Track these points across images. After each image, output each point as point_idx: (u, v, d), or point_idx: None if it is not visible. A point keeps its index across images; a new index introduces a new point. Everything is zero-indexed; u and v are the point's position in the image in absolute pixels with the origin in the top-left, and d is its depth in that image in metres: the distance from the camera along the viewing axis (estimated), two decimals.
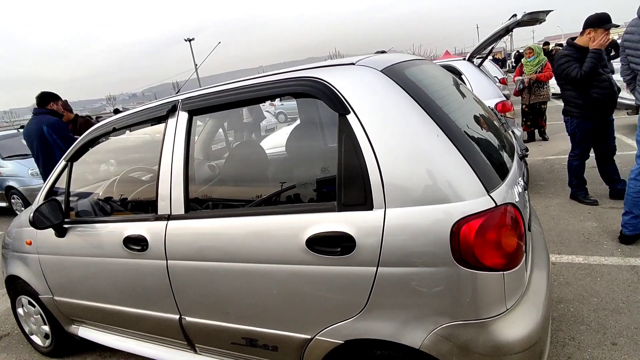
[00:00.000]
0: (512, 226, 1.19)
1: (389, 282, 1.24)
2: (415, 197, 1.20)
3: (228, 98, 1.60)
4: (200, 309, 1.70)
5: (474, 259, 1.15)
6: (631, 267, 2.60)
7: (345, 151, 1.30)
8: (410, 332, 1.25)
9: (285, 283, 1.43)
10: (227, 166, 2.18)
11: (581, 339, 2.04)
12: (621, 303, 2.26)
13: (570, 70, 3.40)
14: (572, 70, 3.38)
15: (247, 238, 1.48)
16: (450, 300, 1.19)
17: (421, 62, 1.76)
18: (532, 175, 4.86)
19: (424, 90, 1.35)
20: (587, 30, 3.36)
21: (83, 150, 2.15)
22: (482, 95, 4.02)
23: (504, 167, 1.37)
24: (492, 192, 1.17)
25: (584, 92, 3.43)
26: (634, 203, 2.78)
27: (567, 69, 3.43)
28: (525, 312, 1.24)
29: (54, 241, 2.13)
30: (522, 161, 1.67)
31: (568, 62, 3.43)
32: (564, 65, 3.46)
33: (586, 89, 3.41)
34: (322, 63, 1.48)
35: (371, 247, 1.24)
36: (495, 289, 1.18)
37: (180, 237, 1.64)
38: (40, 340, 2.60)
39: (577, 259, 2.81)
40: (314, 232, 1.32)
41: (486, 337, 1.18)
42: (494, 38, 4.30)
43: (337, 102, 1.32)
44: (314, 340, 1.43)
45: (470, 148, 1.24)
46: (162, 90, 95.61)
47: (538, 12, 3.98)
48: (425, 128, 1.22)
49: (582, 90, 3.44)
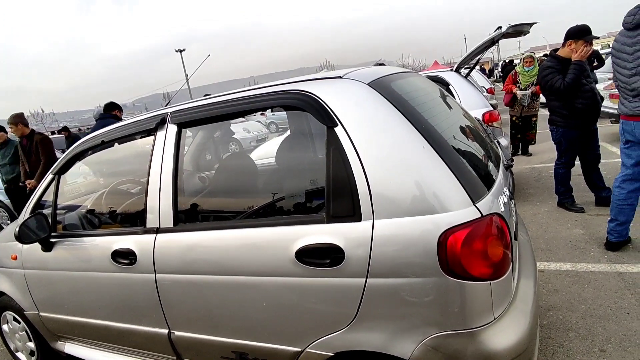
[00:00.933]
0: (498, 236, 1.21)
1: (378, 293, 1.25)
2: (403, 208, 1.21)
3: (217, 111, 1.60)
4: (189, 323, 1.68)
5: (461, 269, 1.16)
6: (618, 274, 2.64)
7: (334, 163, 1.31)
8: (399, 343, 1.25)
9: (275, 295, 1.42)
10: (217, 178, 2.18)
11: (570, 346, 2.06)
12: (609, 310, 2.29)
13: (554, 81, 3.48)
14: (556, 81, 3.47)
15: (236, 250, 1.48)
16: (438, 311, 1.20)
17: (408, 74, 1.79)
18: (520, 184, 4.93)
19: (410, 102, 1.37)
20: (568, 42, 3.46)
21: (70, 163, 2.13)
22: (469, 106, 4.10)
23: (490, 177, 1.40)
24: (478, 203, 1.19)
25: (568, 102, 3.51)
26: (619, 210, 2.83)
27: (551, 80, 3.51)
28: (513, 320, 1.25)
29: (40, 256, 2.09)
30: (507, 171, 1.70)
31: (551, 73, 3.52)
32: (548, 76, 3.55)
33: (570, 99, 3.49)
34: (311, 76, 1.50)
35: (360, 258, 1.25)
36: (482, 299, 1.19)
37: (168, 250, 1.63)
38: (25, 357, 2.54)
39: (565, 266, 2.84)
40: (303, 243, 1.33)
41: (475, 346, 1.19)
42: (480, 49, 4.39)
43: (324, 115, 1.34)
44: (304, 353, 1.43)
45: (455, 159, 1.26)
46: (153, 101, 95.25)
47: (522, 24, 4.08)
48: (412, 140, 1.24)
49: (566, 101, 3.52)
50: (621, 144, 2.85)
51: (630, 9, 2.62)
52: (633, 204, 2.80)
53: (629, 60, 2.60)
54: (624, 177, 2.82)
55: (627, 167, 2.80)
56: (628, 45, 2.60)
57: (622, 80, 2.68)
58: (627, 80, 2.63)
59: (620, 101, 2.76)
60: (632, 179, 2.78)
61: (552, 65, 3.56)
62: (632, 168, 2.77)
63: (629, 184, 2.79)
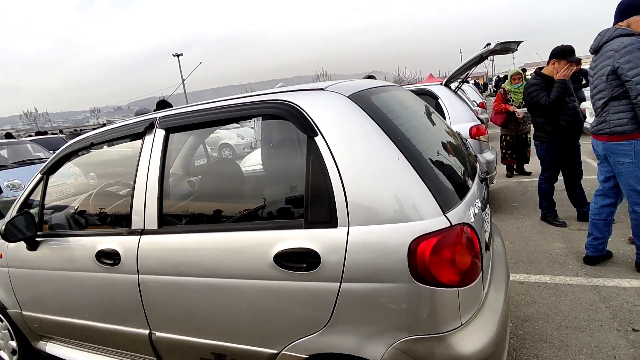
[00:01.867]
0: (466, 245, 1.26)
1: (352, 297, 1.30)
2: (377, 216, 1.27)
3: (204, 117, 1.66)
4: (169, 324, 1.71)
5: (430, 275, 1.21)
6: (594, 287, 2.71)
7: (313, 171, 1.36)
8: (371, 346, 1.30)
9: (254, 298, 1.46)
10: (202, 183, 2.23)
11: (543, 356, 2.11)
12: (583, 322, 2.35)
13: (539, 98, 3.59)
14: (541, 98, 3.58)
15: (217, 253, 1.52)
16: (408, 315, 1.25)
17: (391, 88, 1.86)
18: (505, 197, 5.02)
19: (387, 115, 1.43)
20: (552, 61, 3.59)
21: (59, 164, 2.16)
22: (456, 119, 4.19)
23: (463, 188, 1.46)
24: (448, 213, 1.25)
25: (552, 119, 3.62)
26: (593, 225, 2.93)
27: (536, 97, 3.62)
28: (480, 327, 1.30)
29: (25, 255, 2.11)
30: (482, 183, 1.77)
31: (537, 90, 3.63)
32: (533, 93, 3.66)
33: (554, 116, 3.60)
34: (294, 87, 1.56)
35: (335, 263, 1.29)
36: (450, 305, 1.24)
37: (152, 252, 1.67)
38: (7, 357, 2.54)
39: (544, 279, 2.91)
40: (282, 248, 1.37)
41: (442, 350, 1.24)
42: (469, 65, 4.51)
43: (306, 125, 1.40)
44: (280, 355, 1.46)
45: (428, 170, 1.32)
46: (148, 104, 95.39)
47: (510, 42, 4.21)
48: (387, 151, 1.30)
49: (549, 117, 3.63)
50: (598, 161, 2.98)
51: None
52: (607, 219, 2.89)
53: (592, 82, 2.74)
54: (597, 192, 2.96)
55: (599, 182, 2.94)
56: (591, 68, 2.73)
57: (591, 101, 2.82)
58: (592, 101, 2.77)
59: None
60: (602, 194, 2.91)
61: (537, 82, 3.67)
62: (602, 184, 2.90)
63: (601, 199, 2.91)
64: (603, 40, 2.59)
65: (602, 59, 2.58)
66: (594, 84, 2.71)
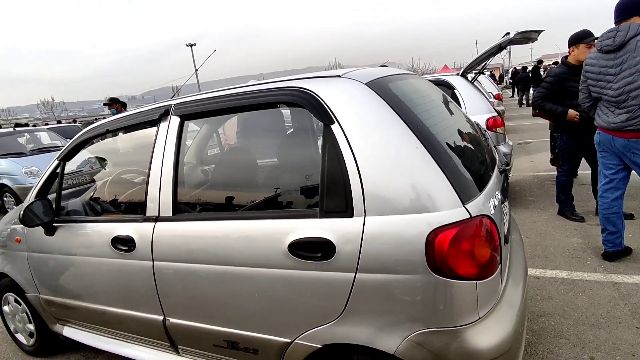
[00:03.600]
0: (486, 237, 1.23)
1: (367, 288, 1.28)
2: (394, 206, 1.24)
3: (219, 105, 1.64)
4: (183, 310, 1.72)
5: (448, 267, 1.19)
6: (613, 284, 2.64)
7: (329, 160, 1.34)
8: (385, 338, 1.28)
9: (268, 287, 1.46)
10: (217, 171, 2.22)
11: (559, 352, 2.08)
12: (601, 318, 2.30)
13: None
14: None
15: (231, 241, 1.52)
16: (424, 308, 1.23)
17: (408, 76, 1.81)
18: (522, 191, 4.93)
19: (406, 103, 1.40)
20: (570, 49, 3.50)
21: (75, 150, 2.18)
22: (473, 110, 4.11)
23: (483, 179, 1.42)
24: (468, 204, 1.22)
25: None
26: (606, 219, 2.87)
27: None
28: (497, 321, 1.27)
29: (43, 239, 2.15)
30: (502, 175, 1.72)
31: (546, 88, 3.56)
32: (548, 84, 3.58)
33: (574, 108, 3.50)
34: (311, 74, 1.53)
35: (350, 253, 1.28)
36: (468, 298, 1.22)
37: (166, 239, 1.67)
38: (24, 339, 2.60)
39: (561, 274, 2.85)
40: (296, 237, 1.36)
41: (458, 344, 1.22)
42: (487, 55, 4.40)
43: (322, 112, 1.37)
44: (294, 344, 1.46)
45: (448, 160, 1.28)
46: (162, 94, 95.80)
47: (530, 31, 4.09)
48: (405, 140, 1.27)
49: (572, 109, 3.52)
50: (598, 153, 2.95)
51: (605, 32, 2.66)
52: (618, 212, 2.84)
53: (614, 82, 2.63)
54: (605, 187, 2.89)
55: (606, 176, 2.87)
56: (611, 67, 2.63)
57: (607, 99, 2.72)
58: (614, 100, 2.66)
59: (599, 114, 2.83)
60: (612, 187, 2.85)
61: (559, 71, 3.57)
62: (612, 176, 2.84)
63: (610, 193, 2.85)
64: (630, 35, 2.49)
65: (634, 53, 2.49)
66: (620, 78, 2.59)
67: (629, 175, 2.85)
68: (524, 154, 6.99)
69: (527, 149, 7.40)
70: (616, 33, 2.56)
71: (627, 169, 2.80)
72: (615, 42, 2.57)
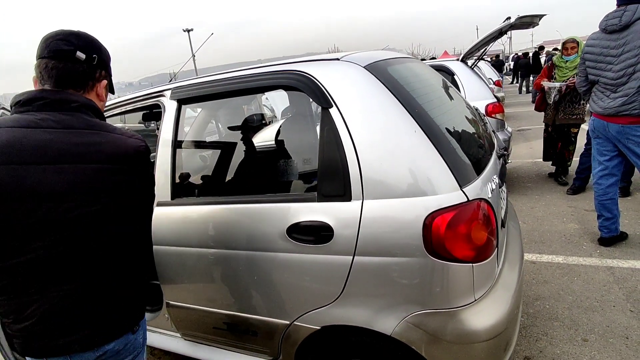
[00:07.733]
0: (482, 221, 1.24)
1: (364, 271, 1.29)
2: (392, 190, 1.24)
3: (216, 89, 1.63)
4: (183, 293, 1.74)
5: (445, 250, 1.20)
6: (607, 268, 2.67)
7: (327, 143, 1.34)
8: (382, 320, 1.30)
9: (266, 270, 1.47)
10: (214, 156, 2.22)
11: (554, 335, 2.11)
12: (595, 302, 2.34)
13: None
14: None
15: (230, 225, 1.52)
16: (421, 290, 1.25)
17: (407, 60, 1.80)
18: (520, 177, 4.94)
19: (405, 87, 1.39)
20: None
21: None
22: (473, 96, 4.09)
23: (480, 164, 1.42)
24: (465, 188, 1.22)
25: None
26: (602, 206, 2.89)
27: None
28: (493, 303, 1.29)
29: None
30: (500, 160, 1.72)
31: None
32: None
33: None
34: (309, 57, 1.51)
35: (348, 237, 1.28)
36: (464, 280, 1.23)
37: (165, 223, 1.68)
38: None
39: (557, 259, 2.88)
40: (295, 221, 1.37)
41: (454, 325, 1.24)
42: (488, 40, 4.35)
43: (320, 96, 1.36)
44: (292, 326, 1.48)
45: (446, 144, 1.28)
46: (159, 81, 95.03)
47: (532, 15, 4.04)
48: (404, 124, 1.27)
49: None
50: (592, 140, 2.94)
51: (611, 12, 2.62)
52: (614, 198, 2.86)
53: (615, 63, 2.61)
54: (600, 174, 2.89)
55: (601, 163, 2.88)
56: (613, 48, 2.61)
57: (604, 82, 2.70)
58: (612, 82, 2.64)
59: (594, 100, 2.82)
60: (608, 174, 2.86)
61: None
62: (606, 163, 2.86)
63: (606, 180, 2.87)
64: (638, 15, 2.46)
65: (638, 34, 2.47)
66: (622, 59, 2.57)
67: (623, 162, 2.86)
68: (523, 140, 6.98)
69: (525, 135, 7.39)
70: (623, 13, 2.53)
71: (621, 155, 2.81)
72: (622, 21, 2.54)
